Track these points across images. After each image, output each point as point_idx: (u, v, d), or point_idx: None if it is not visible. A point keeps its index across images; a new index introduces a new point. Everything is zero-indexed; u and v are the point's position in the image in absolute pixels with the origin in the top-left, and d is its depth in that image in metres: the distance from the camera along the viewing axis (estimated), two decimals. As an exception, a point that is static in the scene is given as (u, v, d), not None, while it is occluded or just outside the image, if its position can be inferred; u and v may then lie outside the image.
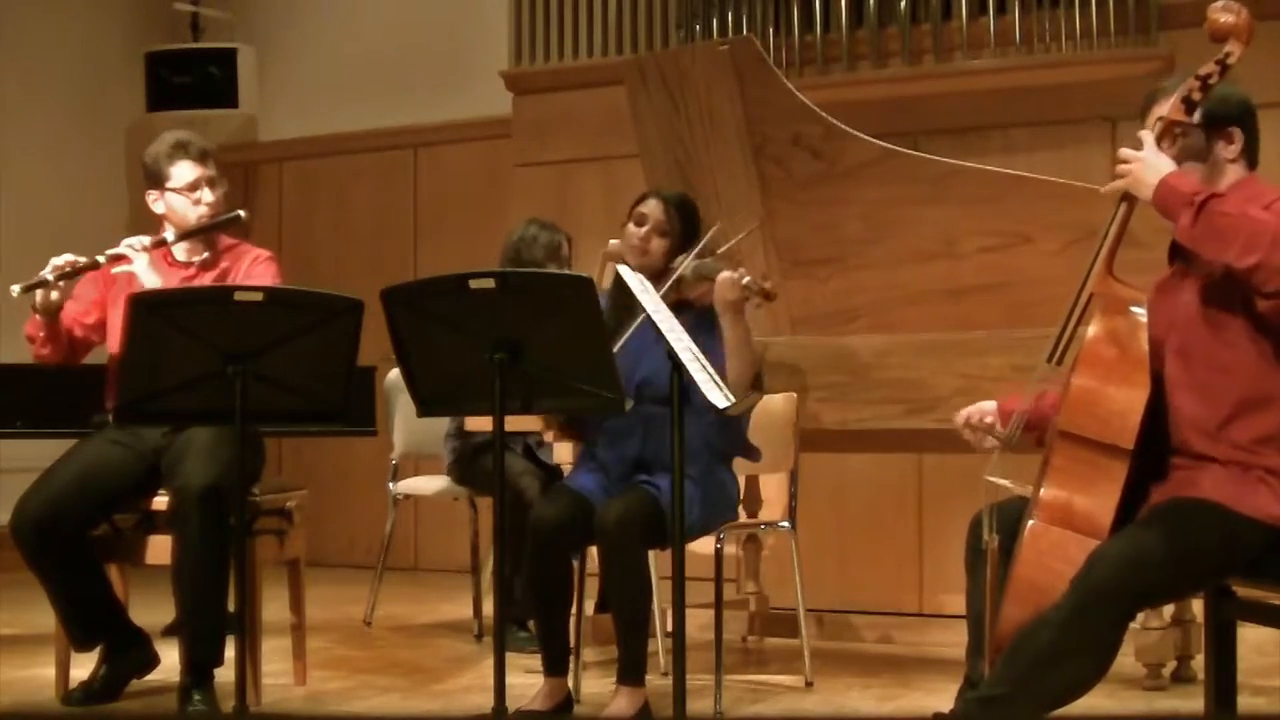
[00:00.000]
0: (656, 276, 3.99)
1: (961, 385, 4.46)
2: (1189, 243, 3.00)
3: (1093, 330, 3.07)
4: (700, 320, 4.03)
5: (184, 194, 4.25)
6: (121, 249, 4.14)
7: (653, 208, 4.19)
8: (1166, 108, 3.12)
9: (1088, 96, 6.03)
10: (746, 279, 3.89)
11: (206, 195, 4.26)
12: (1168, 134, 3.09)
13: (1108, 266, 3.15)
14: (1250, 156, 3.17)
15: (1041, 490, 3.05)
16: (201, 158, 4.27)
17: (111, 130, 8.30)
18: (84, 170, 8.12)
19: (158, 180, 4.28)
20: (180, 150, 4.26)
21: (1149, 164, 3.06)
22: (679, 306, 3.94)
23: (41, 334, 4.18)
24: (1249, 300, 3.00)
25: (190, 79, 8.14)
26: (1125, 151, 3.11)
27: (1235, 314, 3.03)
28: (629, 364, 3.96)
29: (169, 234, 4.25)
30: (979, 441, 3.41)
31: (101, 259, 4.14)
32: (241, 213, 4.28)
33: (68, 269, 4.08)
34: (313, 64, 8.34)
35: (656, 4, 7.07)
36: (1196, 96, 3.08)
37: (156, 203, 4.30)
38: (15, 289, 4.08)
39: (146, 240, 4.18)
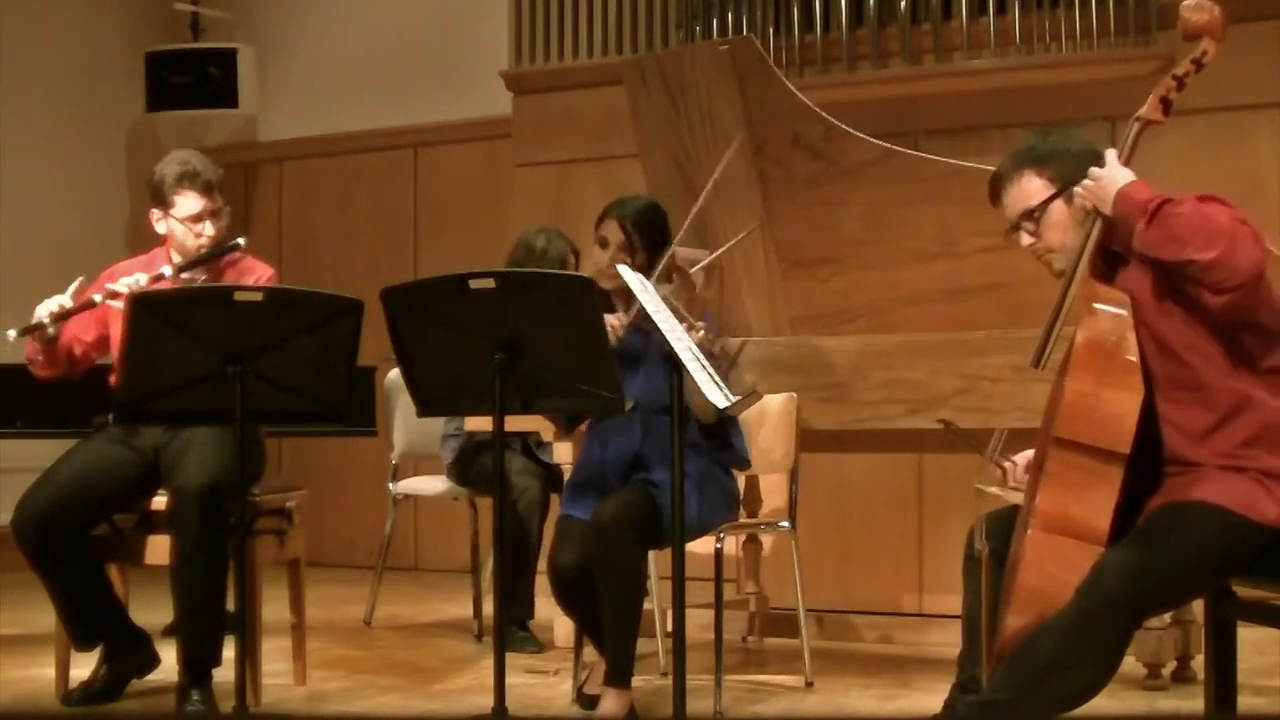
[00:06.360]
0: (631, 297, 3.93)
1: (961, 385, 4.47)
2: (1148, 249, 2.97)
3: (1082, 335, 3.03)
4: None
5: (186, 224, 4.26)
6: (119, 287, 4.11)
7: (611, 230, 4.18)
8: (1016, 195, 3.21)
9: (1088, 96, 6.02)
10: (700, 335, 3.76)
11: (208, 229, 4.26)
12: (1142, 135, 3.10)
13: (1090, 271, 3.14)
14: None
15: (1037, 498, 3.01)
16: (206, 190, 4.25)
17: (111, 130, 8.31)
18: (84, 170, 8.12)
19: (162, 202, 4.28)
20: (187, 180, 4.24)
21: (1108, 178, 3.06)
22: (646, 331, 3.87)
23: (40, 357, 4.23)
24: (1189, 314, 2.98)
25: (190, 79, 8.14)
26: (1093, 170, 3.11)
27: (1180, 333, 3.01)
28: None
29: (167, 270, 4.24)
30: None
31: (98, 298, 4.15)
32: (241, 240, 4.30)
33: (62, 312, 4.12)
34: (313, 64, 8.34)
35: (656, 4, 7.07)
36: (1173, 96, 3.07)
37: (159, 222, 4.32)
38: (11, 334, 4.14)
39: (143, 279, 4.16)
